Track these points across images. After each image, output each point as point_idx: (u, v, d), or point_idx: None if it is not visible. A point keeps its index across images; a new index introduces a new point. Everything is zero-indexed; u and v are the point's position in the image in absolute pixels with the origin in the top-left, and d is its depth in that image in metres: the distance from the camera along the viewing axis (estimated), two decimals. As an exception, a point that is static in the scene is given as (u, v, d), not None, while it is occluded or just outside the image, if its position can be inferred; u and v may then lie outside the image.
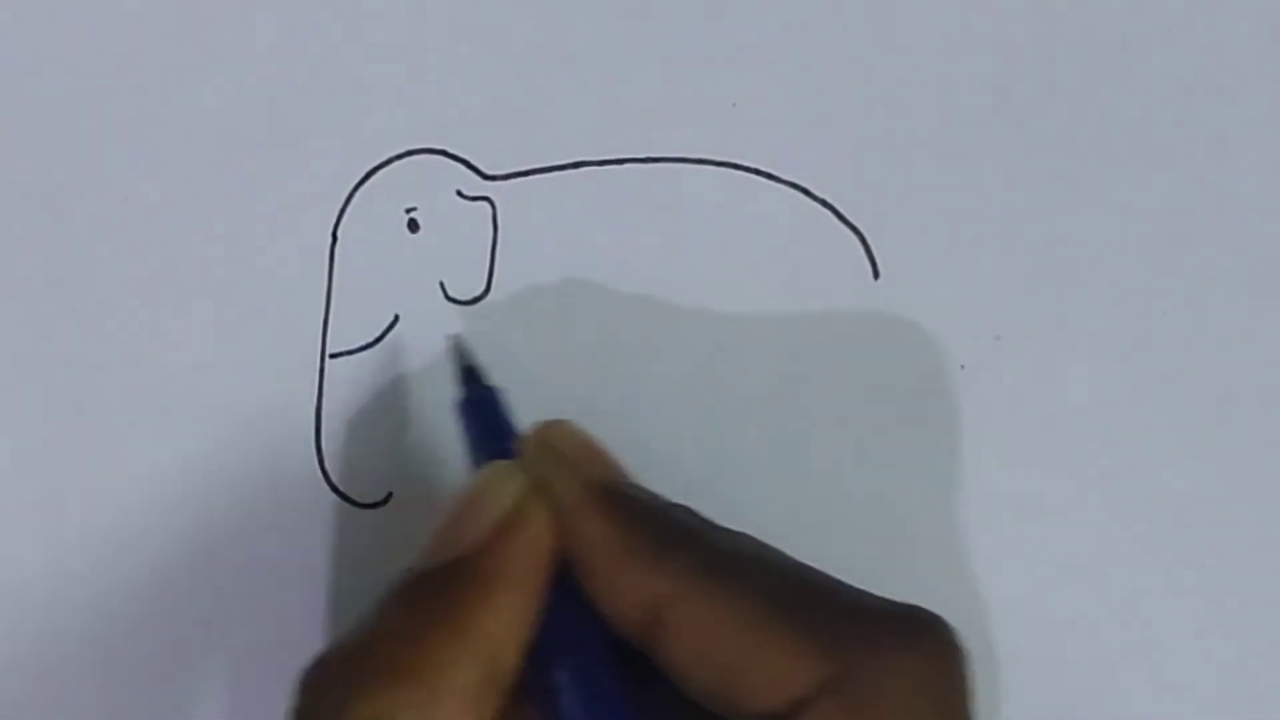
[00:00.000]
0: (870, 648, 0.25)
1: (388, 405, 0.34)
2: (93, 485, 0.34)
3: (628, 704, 0.27)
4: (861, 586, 0.27)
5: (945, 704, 0.25)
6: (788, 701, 0.25)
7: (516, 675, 0.27)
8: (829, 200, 0.35)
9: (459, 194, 0.34)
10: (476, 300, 0.34)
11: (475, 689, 0.25)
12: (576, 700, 0.27)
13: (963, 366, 0.35)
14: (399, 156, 0.34)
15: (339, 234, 0.34)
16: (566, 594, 0.27)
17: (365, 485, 0.34)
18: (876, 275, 0.35)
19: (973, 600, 0.34)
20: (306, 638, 0.33)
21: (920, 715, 0.25)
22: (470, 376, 0.31)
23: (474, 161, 0.34)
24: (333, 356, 0.34)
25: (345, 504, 0.34)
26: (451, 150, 0.34)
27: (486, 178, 0.35)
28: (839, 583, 0.27)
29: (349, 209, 0.34)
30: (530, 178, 0.34)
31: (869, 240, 0.35)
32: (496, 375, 0.32)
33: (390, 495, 0.34)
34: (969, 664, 0.26)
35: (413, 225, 0.34)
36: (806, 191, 0.35)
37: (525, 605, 0.27)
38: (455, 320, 0.34)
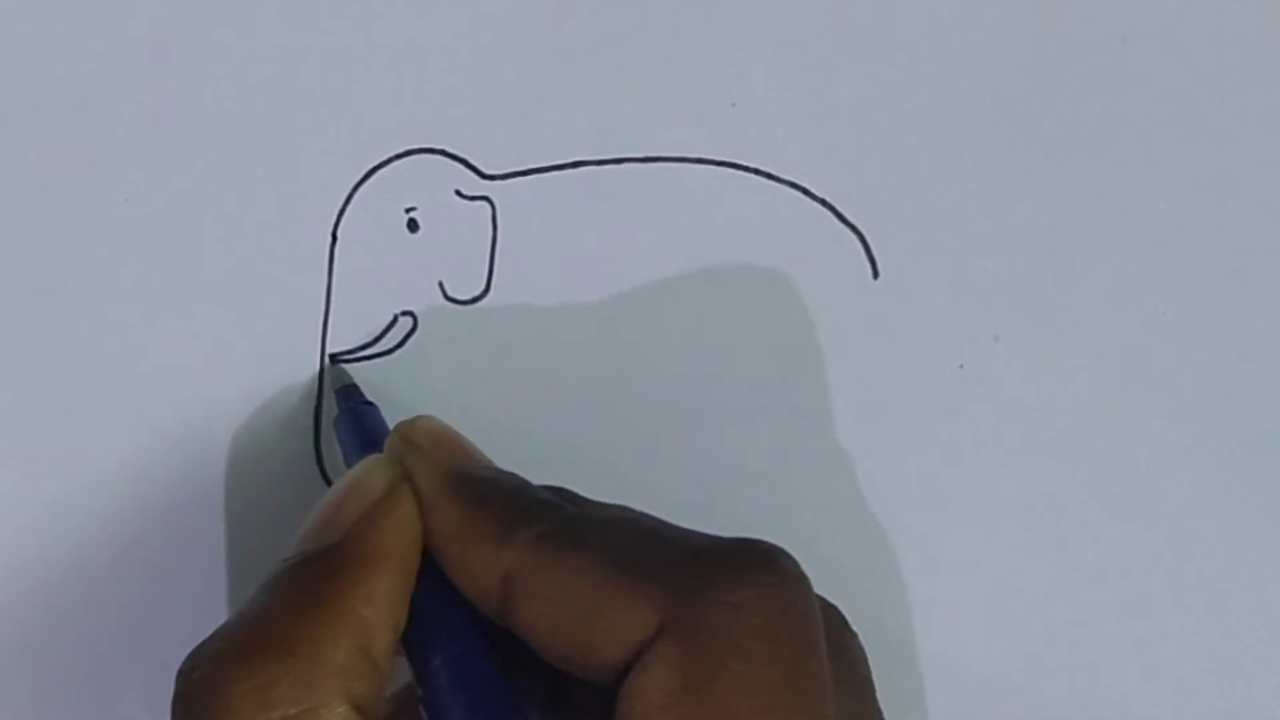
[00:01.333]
0: (702, 585, 0.25)
1: (387, 405, 0.34)
2: (92, 485, 0.34)
3: (501, 684, 0.27)
4: (862, 586, 0.27)
5: (784, 634, 0.25)
6: (629, 648, 0.25)
7: (391, 656, 0.27)
8: (829, 200, 0.35)
9: (459, 194, 0.34)
10: (476, 300, 0.34)
11: (349, 666, 0.26)
12: (451, 683, 0.27)
13: (962, 366, 0.35)
14: (399, 156, 0.34)
15: (339, 234, 0.34)
16: (439, 581, 0.28)
17: (365, 485, 0.34)
18: (876, 275, 0.35)
19: (970, 600, 0.34)
20: (306, 637, 0.33)
21: (758, 644, 0.24)
22: (347, 395, 0.33)
23: (474, 161, 0.34)
24: (333, 357, 0.34)
25: (345, 504, 0.34)
26: (451, 150, 0.34)
27: (486, 178, 0.35)
28: (688, 531, 0.27)
29: (349, 209, 0.34)
30: (530, 178, 0.34)
31: (869, 240, 0.35)
32: (497, 375, 0.32)
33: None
34: (810, 593, 0.26)
35: (412, 225, 0.34)
36: (806, 191, 0.35)
37: (395, 587, 0.27)
38: (455, 320, 0.34)
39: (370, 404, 0.33)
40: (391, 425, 0.31)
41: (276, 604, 0.27)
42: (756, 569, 0.26)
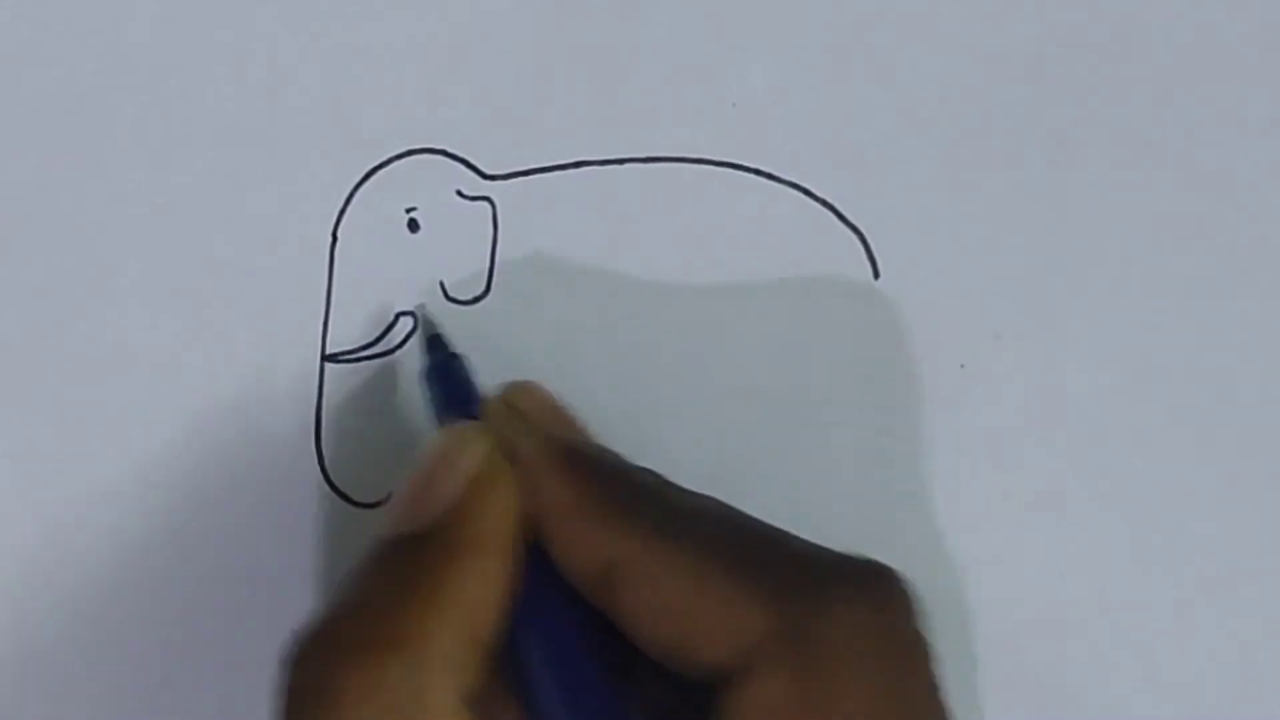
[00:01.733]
0: (817, 597, 0.25)
1: (388, 405, 0.34)
2: (91, 484, 0.34)
3: (598, 665, 0.27)
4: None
5: (893, 651, 0.25)
6: (736, 651, 0.25)
7: (498, 636, 0.27)
8: (829, 200, 0.35)
9: (459, 194, 0.34)
10: (476, 300, 0.34)
11: (459, 655, 0.26)
12: (546, 662, 0.27)
13: (963, 366, 0.35)
14: (399, 156, 0.34)
15: (339, 234, 0.34)
16: (536, 555, 0.28)
17: (365, 485, 0.34)
18: (876, 275, 0.35)
19: (971, 600, 0.34)
20: (307, 638, 0.33)
21: (867, 662, 0.25)
22: (435, 344, 0.32)
23: (474, 161, 0.34)
24: (333, 357, 0.34)
25: (345, 504, 0.34)
26: (451, 150, 0.34)
27: (486, 178, 0.35)
28: (794, 537, 0.27)
29: (349, 209, 0.34)
30: (530, 177, 0.34)
31: (869, 240, 0.35)
32: (496, 375, 0.32)
33: (390, 495, 0.34)
34: (922, 614, 0.26)
35: (413, 225, 0.34)
36: (806, 191, 0.35)
37: (501, 568, 0.27)
38: (456, 320, 0.34)
39: (458, 356, 0.32)
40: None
41: (379, 593, 0.26)
42: (872, 586, 0.26)
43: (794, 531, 0.28)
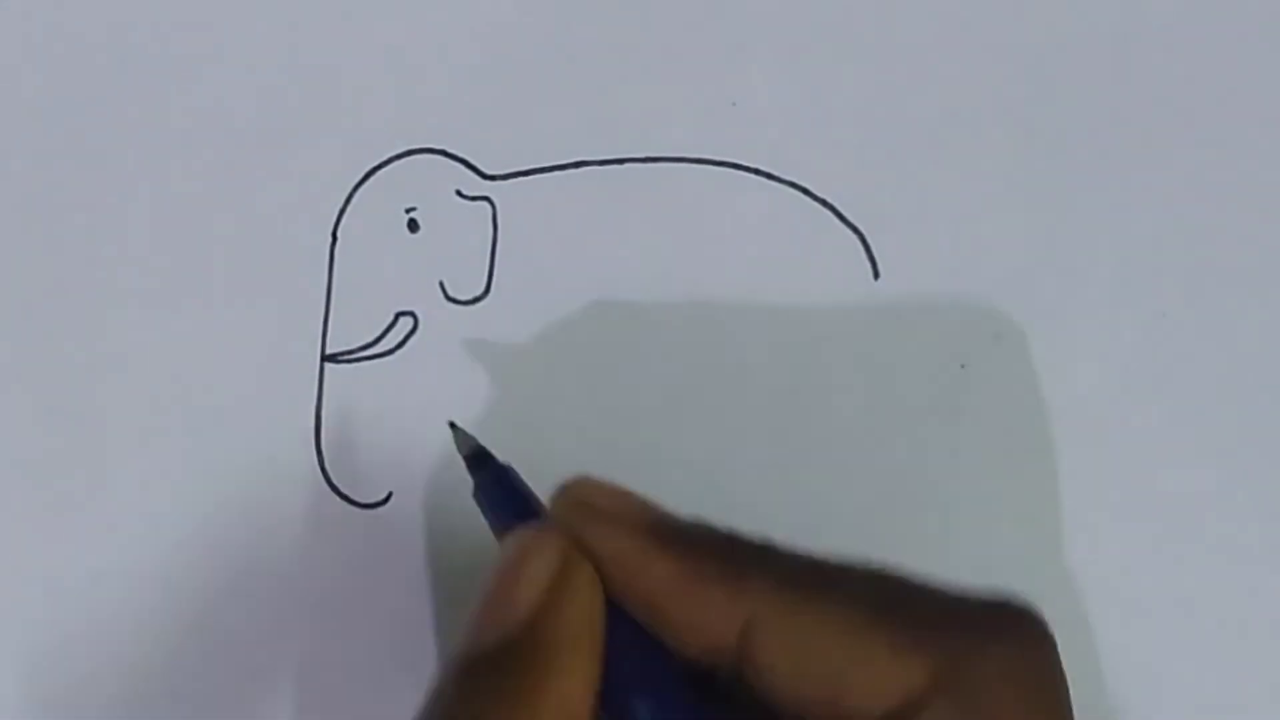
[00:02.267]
0: (973, 642, 0.25)
1: (388, 405, 0.34)
2: (91, 485, 0.34)
3: None
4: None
5: (1046, 690, 0.25)
6: (901, 701, 0.25)
7: None
8: (829, 200, 0.35)
9: (459, 194, 0.34)
10: (476, 300, 0.34)
11: None
12: None
13: (963, 366, 0.35)
14: (399, 156, 0.34)
15: (339, 234, 0.34)
16: (631, 640, 0.27)
17: (365, 485, 0.34)
18: (876, 275, 0.35)
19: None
20: (307, 637, 0.33)
21: (1021, 701, 0.25)
22: (479, 461, 0.30)
23: (474, 161, 0.34)
24: (333, 357, 0.34)
25: (345, 504, 0.34)
26: (451, 150, 0.34)
27: (486, 178, 0.35)
28: (926, 580, 0.27)
29: (349, 209, 0.34)
30: (530, 178, 0.34)
31: (869, 240, 0.35)
32: (496, 375, 0.32)
33: (390, 495, 0.34)
34: (1057, 651, 0.26)
35: (413, 225, 0.34)
36: (806, 191, 0.35)
37: (590, 666, 0.26)
38: (456, 320, 0.34)
39: (506, 466, 0.30)
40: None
41: (477, 706, 0.25)
42: (1022, 628, 0.26)
43: (792, 532, 0.28)
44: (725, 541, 0.27)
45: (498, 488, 0.30)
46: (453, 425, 0.31)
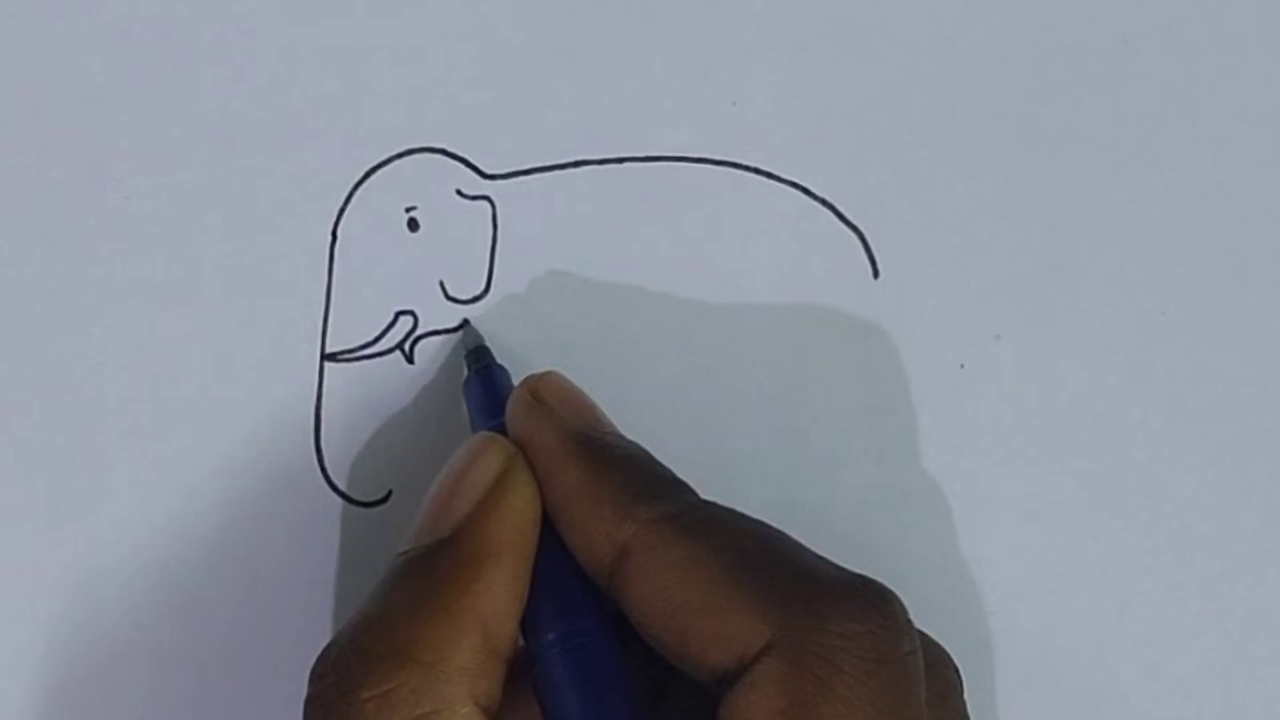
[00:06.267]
0: (817, 612, 0.25)
1: (387, 404, 0.34)
2: (91, 485, 0.34)
3: (617, 663, 0.27)
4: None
5: (888, 670, 0.25)
6: (733, 658, 0.25)
7: (514, 644, 0.27)
8: (829, 200, 0.35)
9: (459, 193, 0.34)
10: (476, 300, 0.34)
11: (474, 664, 0.26)
12: (565, 659, 0.27)
13: (963, 366, 0.35)
14: (399, 155, 0.34)
15: (339, 233, 0.34)
16: (558, 551, 0.28)
17: (365, 485, 0.34)
18: (876, 275, 0.35)
19: (971, 600, 0.34)
20: (307, 637, 0.33)
21: (863, 678, 0.25)
22: (478, 357, 0.32)
23: (474, 161, 0.34)
24: (332, 356, 0.34)
25: (345, 504, 0.34)
26: (451, 150, 0.34)
27: (486, 177, 0.35)
28: (800, 548, 0.27)
29: (349, 208, 0.34)
30: (530, 177, 0.35)
31: (869, 240, 0.35)
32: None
33: (390, 494, 0.34)
34: (914, 640, 0.26)
35: (413, 224, 0.34)
36: (807, 191, 0.35)
37: (515, 577, 0.27)
38: (456, 319, 0.34)
39: (501, 367, 0.32)
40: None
41: (396, 605, 0.26)
42: (871, 607, 0.26)
43: (793, 530, 0.28)
44: (634, 466, 0.28)
45: (480, 383, 0.31)
46: (466, 323, 0.33)
